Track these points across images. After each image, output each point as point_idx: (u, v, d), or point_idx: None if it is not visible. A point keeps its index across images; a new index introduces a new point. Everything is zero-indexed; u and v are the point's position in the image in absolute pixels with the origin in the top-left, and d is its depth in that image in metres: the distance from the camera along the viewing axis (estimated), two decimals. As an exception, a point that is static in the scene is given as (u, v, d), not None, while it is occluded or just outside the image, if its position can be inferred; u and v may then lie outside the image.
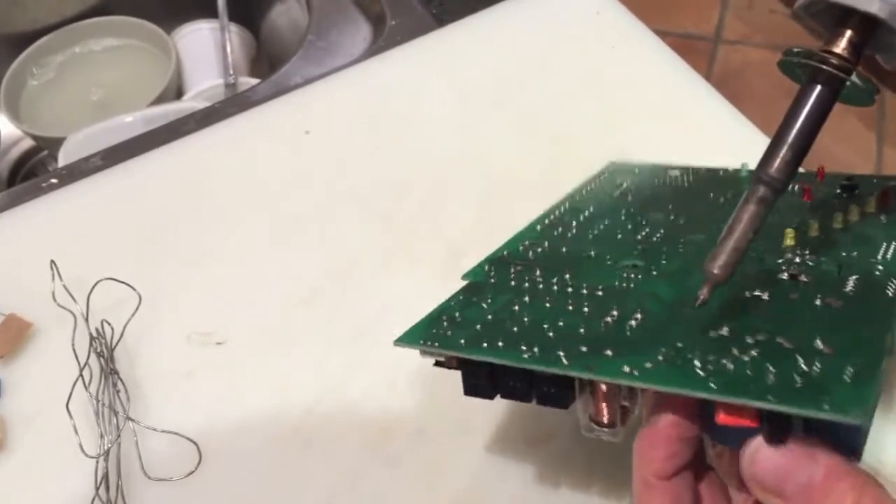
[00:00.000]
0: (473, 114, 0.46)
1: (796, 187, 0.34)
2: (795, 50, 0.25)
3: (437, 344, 0.26)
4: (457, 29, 0.51)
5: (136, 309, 0.36)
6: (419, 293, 0.39)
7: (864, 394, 0.21)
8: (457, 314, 0.28)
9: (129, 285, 0.37)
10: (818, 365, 0.22)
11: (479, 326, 0.27)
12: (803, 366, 0.22)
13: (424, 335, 0.27)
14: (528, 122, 0.46)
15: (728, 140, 0.44)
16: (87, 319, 0.36)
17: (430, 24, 0.54)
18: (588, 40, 0.50)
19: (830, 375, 0.22)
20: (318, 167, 0.44)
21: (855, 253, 0.28)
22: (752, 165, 0.37)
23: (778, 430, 0.21)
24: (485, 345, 0.25)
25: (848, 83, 0.25)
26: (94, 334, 0.36)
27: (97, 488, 0.32)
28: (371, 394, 0.35)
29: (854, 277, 0.26)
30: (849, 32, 0.24)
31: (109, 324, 0.36)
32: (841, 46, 0.24)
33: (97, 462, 0.33)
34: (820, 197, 0.33)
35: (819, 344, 0.23)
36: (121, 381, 0.35)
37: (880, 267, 0.27)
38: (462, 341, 0.26)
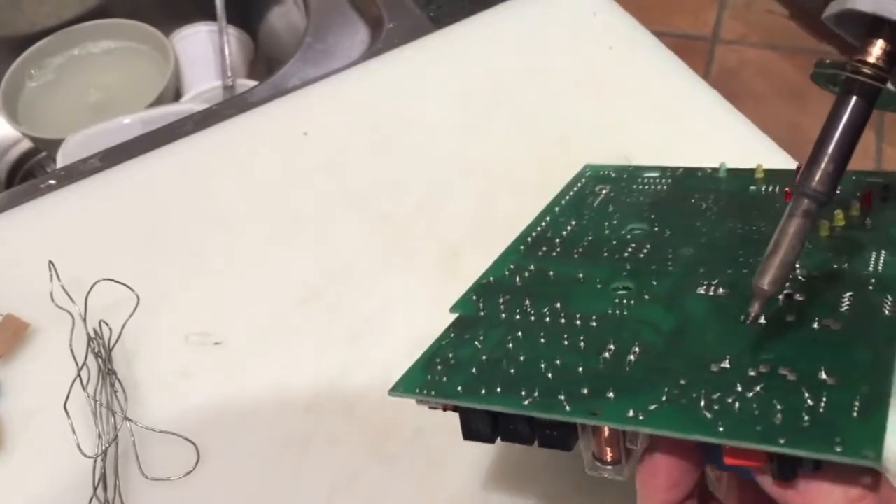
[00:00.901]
0: (471, 115, 0.47)
1: (777, 188, 0.34)
2: (827, 62, 0.25)
3: (433, 392, 0.25)
4: (454, 31, 0.51)
5: (134, 309, 0.36)
6: (417, 293, 0.39)
7: (875, 430, 0.21)
8: (450, 355, 0.27)
9: (127, 286, 0.37)
10: (824, 399, 0.22)
11: (474, 369, 0.26)
12: (809, 401, 0.22)
13: (419, 383, 0.26)
14: (526, 124, 0.46)
15: (726, 139, 0.44)
16: (84, 320, 0.36)
17: (427, 26, 0.54)
18: (585, 41, 0.50)
19: (837, 411, 0.21)
20: (316, 168, 0.44)
21: (846, 265, 0.28)
22: (737, 163, 0.37)
23: (788, 468, 0.21)
24: (483, 391, 0.25)
25: (883, 91, 0.24)
26: (92, 334, 0.36)
27: (95, 488, 0.32)
28: (369, 393, 0.35)
29: (849, 294, 0.26)
30: (881, 41, 0.24)
31: (107, 324, 0.36)
32: (874, 55, 0.24)
33: (95, 462, 0.33)
34: None
35: (823, 375, 0.23)
36: (118, 381, 0.35)
37: (873, 281, 0.27)
38: (459, 388, 0.25)
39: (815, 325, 0.25)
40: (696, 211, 0.34)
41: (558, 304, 0.28)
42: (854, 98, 0.24)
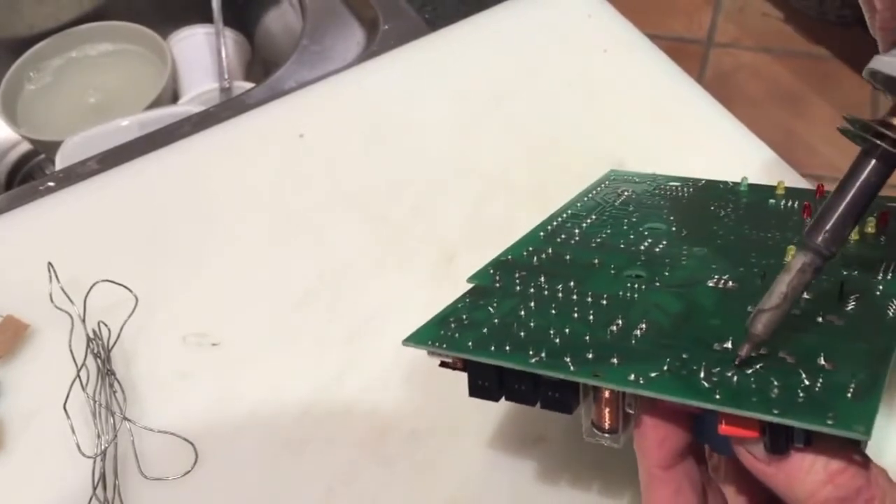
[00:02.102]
0: (466, 117, 0.47)
1: (795, 204, 0.35)
2: (850, 119, 0.25)
3: (445, 345, 0.27)
4: (449, 33, 0.51)
5: (133, 310, 0.37)
6: (413, 294, 0.39)
7: (867, 409, 0.21)
8: (464, 316, 0.28)
9: (125, 287, 0.37)
10: (820, 381, 0.23)
11: (486, 329, 0.27)
12: (806, 381, 0.23)
13: (433, 336, 0.27)
14: (521, 126, 0.46)
15: (720, 142, 0.44)
16: (83, 321, 0.37)
17: (422, 28, 0.54)
18: (580, 44, 0.50)
19: (832, 391, 0.22)
20: (313, 170, 0.45)
21: (856, 273, 0.29)
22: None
23: (780, 441, 0.22)
24: (492, 348, 0.26)
25: None
26: (91, 335, 0.36)
27: (94, 488, 0.32)
28: (365, 394, 0.36)
29: (855, 297, 0.27)
30: None
31: (106, 325, 0.37)
32: None
33: (94, 462, 0.33)
34: None
35: (821, 361, 0.23)
36: (117, 381, 0.36)
37: (880, 287, 0.28)
38: (470, 344, 0.26)
39: (820, 320, 0.26)
40: (713, 216, 0.35)
41: (572, 283, 0.30)
42: (873, 161, 0.24)
